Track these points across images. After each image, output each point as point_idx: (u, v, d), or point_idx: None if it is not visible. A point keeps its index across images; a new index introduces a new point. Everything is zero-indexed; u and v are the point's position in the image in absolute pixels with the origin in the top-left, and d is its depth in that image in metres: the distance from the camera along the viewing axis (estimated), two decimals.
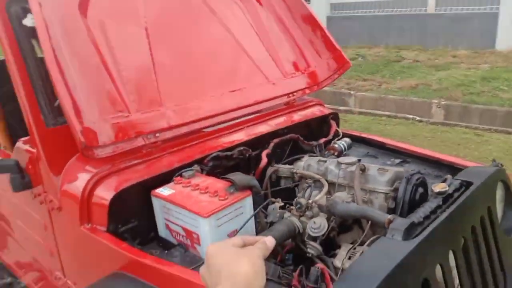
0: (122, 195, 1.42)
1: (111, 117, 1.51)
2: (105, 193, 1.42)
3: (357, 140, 2.30)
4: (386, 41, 9.78)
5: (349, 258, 1.31)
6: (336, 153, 2.08)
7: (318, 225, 1.33)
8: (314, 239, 1.34)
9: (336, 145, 2.10)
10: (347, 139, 2.17)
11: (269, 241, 0.81)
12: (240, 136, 1.84)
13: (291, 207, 1.45)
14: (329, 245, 1.44)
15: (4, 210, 2.16)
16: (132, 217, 1.48)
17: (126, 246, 1.32)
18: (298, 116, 2.15)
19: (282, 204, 1.48)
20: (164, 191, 1.46)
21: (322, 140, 2.13)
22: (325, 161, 1.70)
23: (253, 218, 1.45)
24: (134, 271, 1.28)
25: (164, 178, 1.52)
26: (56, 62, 1.35)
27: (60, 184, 1.52)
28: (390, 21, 10.03)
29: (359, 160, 1.71)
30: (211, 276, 0.69)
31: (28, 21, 1.66)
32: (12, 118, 2.18)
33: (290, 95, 2.17)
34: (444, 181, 1.53)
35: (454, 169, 1.86)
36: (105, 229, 1.41)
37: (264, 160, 1.78)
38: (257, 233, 1.45)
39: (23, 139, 1.69)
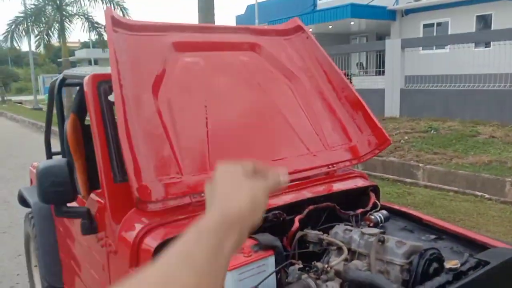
0: (166, 244, 1.67)
1: (166, 178, 1.80)
2: (151, 242, 1.68)
3: (396, 213, 2.38)
4: (462, 115, 9.59)
5: None
6: (371, 224, 2.19)
7: None
8: None
9: (373, 217, 2.21)
10: (384, 212, 2.26)
11: (283, 175, 0.70)
12: (277, 200, 2.04)
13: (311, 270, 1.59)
14: None
15: (75, 251, 2.52)
16: None
17: None
18: (336, 186, 2.31)
19: (301, 266, 1.63)
20: None
21: (359, 211, 2.25)
22: (351, 230, 1.83)
23: (274, 276, 1.61)
24: None
25: None
26: (125, 130, 1.70)
27: (118, 231, 1.81)
28: (467, 95, 9.87)
29: (383, 232, 1.83)
30: (209, 197, 0.67)
31: (112, 97, 2.07)
32: (92, 173, 2.59)
33: (330, 166, 2.35)
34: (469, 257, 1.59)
35: (486, 249, 1.89)
36: None
37: (296, 224, 1.95)
38: None
39: (96, 191, 2.04)
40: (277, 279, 1.63)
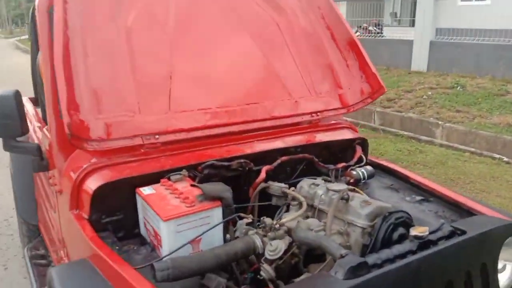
0: (108, 187, 1.51)
1: (113, 115, 1.62)
2: (92, 183, 1.53)
3: (385, 170, 2.16)
4: (494, 72, 8.94)
5: None
6: (352, 180, 1.98)
7: (274, 247, 1.29)
8: (271, 262, 1.30)
9: (355, 172, 2.00)
10: (369, 168, 2.05)
11: None
12: (246, 148, 1.84)
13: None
14: (295, 272, 1.38)
15: (42, 189, 2.43)
16: (118, 210, 1.57)
17: (93, 236, 1.40)
18: (318, 137, 2.08)
19: (250, 220, 1.46)
20: (146, 190, 1.52)
21: (341, 165, 2.03)
22: (317, 185, 1.63)
23: (221, 229, 1.44)
24: (95, 261, 1.35)
25: (155, 178, 1.58)
26: (63, 59, 1.50)
27: (64, 170, 1.67)
28: (502, 51, 9.16)
29: (353, 190, 1.62)
30: None
31: None
32: None
33: (314, 114, 2.12)
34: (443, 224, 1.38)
35: (473, 215, 1.67)
36: (87, 217, 1.51)
37: (262, 175, 1.76)
38: None
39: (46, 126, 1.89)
40: (225, 234, 1.46)
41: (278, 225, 1.35)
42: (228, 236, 1.48)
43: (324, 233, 1.35)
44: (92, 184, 1.53)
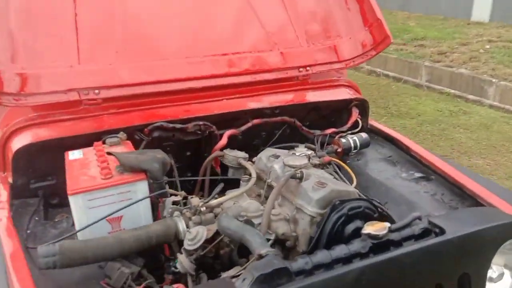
0: (35, 148, 1.32)
1: (45, 65, 1.40)
2: (16, 144, 1.34)
3: (385, 138, 1.83)
4: None
5: None
6: (340, 150, 1.67)
7: (193, 236, 1.04)
8: (190, 252, 1.06)
9: (344, 140, 1.68)
10: (364, 135, 1.72)
11: None
12: (209, 108, 1.57)
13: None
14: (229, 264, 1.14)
15: None
16: (49, 174, 1.38)
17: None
18: (305, 97, 1.76)
19: (179, 198, 1.21)
20: (74, 154, 1.31)
21: (329, 131, 1.72)
22: (277, 157, 1.34)
23: (149, 207, 1.21)
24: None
25: (93, 140, 1.37)
26: None
27: None
28: None
29: (321, 165, 1.33)
30: None
31: None
32: None
33: (302, 69, 1.78)
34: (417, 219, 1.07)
35: (477, 203, 1.33)
36: (11, 181, 1.34)
37: (223, 141, 1.49)
38: None
39: None
40: (153, 211, 1.23)
41: (204, 207, 1.10)
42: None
43: (260, 220, 1.08)
44: (16, 144, 1.34)
